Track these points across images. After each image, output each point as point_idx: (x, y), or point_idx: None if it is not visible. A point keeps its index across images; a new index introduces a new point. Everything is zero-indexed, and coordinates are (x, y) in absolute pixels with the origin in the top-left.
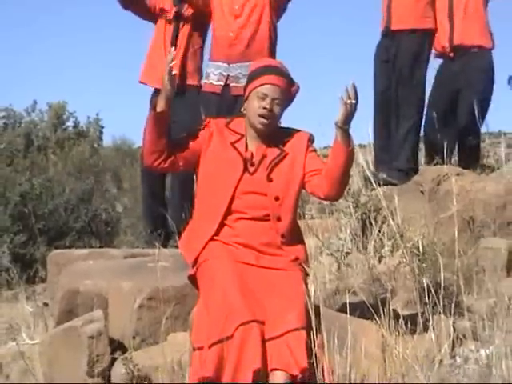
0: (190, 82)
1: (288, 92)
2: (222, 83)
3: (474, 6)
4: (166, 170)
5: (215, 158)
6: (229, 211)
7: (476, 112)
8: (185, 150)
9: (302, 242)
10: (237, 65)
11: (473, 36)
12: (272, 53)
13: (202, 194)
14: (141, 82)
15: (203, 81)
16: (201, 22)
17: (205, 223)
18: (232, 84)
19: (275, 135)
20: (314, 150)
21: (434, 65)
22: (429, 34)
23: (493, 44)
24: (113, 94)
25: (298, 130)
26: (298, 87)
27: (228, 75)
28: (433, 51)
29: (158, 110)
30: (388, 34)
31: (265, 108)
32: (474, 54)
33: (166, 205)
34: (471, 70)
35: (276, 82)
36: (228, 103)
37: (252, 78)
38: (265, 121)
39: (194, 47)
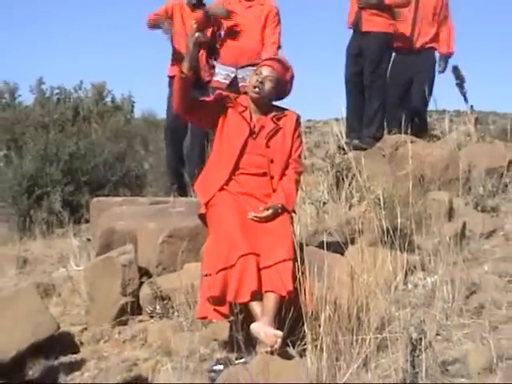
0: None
1: (282, 75)
2: (228, 82)
3: (429, 16)
4: (189, 120)
5: (229, 123)
6: (236, 166)
7: (425, 93)
8: (207, 109)
9: None
10: (244, 68)
11: (428, 39)
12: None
13: (216, 150)
14: (169, 76)
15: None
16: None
17: (218, 172)
18: (241, 84)
19: (270, 110)
20: (299, 135)
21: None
22: (391, 35)
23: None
24: (143, 76)
25: (288, 109)
26: (293, 74)
27: (235, 76)
28: None
29: (184, 70)
30: (358, 32)
31: (257, 80)
32: (425, 51)
33: (184, 163)
34: (422, 63)
35: (270, 63)
36: None
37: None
38: (256, 89)
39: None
